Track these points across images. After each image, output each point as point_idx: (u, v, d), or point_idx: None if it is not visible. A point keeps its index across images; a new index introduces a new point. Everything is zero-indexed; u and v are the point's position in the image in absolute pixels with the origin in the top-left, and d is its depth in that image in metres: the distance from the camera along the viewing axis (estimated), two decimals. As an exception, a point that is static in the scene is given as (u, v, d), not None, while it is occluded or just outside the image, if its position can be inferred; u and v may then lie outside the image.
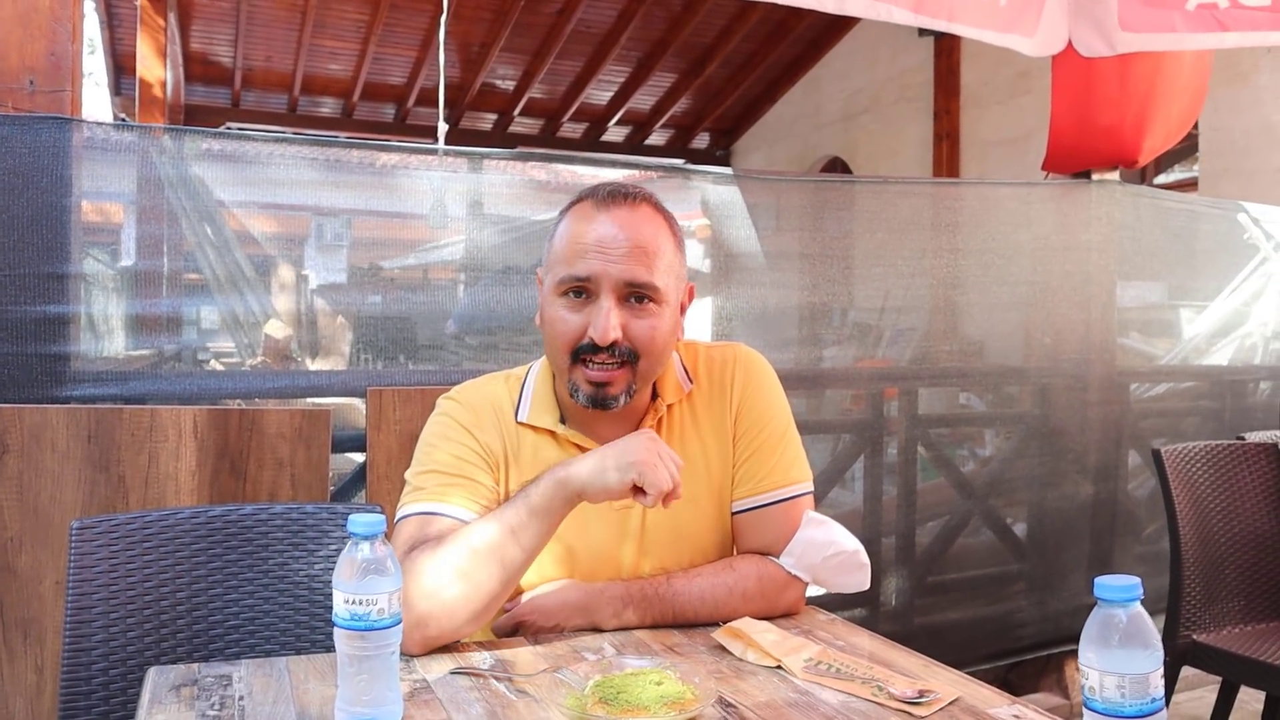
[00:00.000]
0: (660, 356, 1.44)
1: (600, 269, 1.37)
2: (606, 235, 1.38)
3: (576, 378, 1.40)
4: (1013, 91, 7.55)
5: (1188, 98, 3.35)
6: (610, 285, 1.37)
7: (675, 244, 1.45)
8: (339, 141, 3.11)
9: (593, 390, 1.40)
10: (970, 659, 3.05)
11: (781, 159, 10.48)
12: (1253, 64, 5.94)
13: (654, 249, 1.40)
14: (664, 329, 1.42)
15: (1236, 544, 2.49)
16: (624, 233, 1.39)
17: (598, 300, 1.38)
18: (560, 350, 1.41)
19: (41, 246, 2.05)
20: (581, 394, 1.40)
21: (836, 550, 1.46)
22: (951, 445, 3.56)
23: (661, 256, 1.41)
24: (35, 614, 1.97)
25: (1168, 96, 3.25)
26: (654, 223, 1.43)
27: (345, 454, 2.63)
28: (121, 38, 8.28)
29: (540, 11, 8.50)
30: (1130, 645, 0.87)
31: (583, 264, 1.38)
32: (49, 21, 2.04)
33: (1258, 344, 3.82)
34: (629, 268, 1.37)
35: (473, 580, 1.28)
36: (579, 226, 1.41)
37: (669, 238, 1.44)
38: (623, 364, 1.39)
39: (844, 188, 3.46)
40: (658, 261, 1.40)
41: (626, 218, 1.40)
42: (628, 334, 1.38)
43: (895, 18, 2.74)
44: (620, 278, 1.37)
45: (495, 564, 1.29)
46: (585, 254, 1.38)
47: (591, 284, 1.38)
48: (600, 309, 1.37)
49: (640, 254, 1.38)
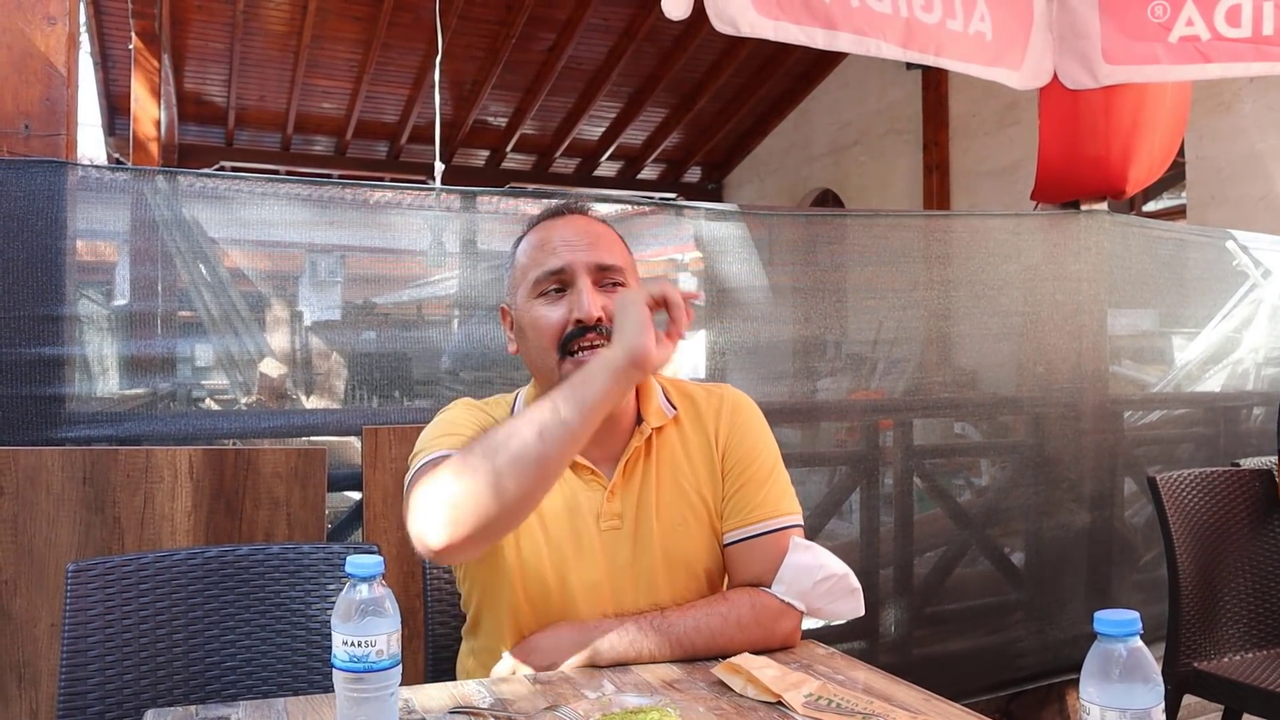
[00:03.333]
0: None
1: (571, 257, 1.45)
2: (568, 233, 1.48)
3: (567, 369, 1.41)
4: (1001, 123, 7.62)
5: (1170, 128, 3.39)
6: (584, 269, 1.44)
7: (622, 241, 1.55)
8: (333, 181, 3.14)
9: None
10: (971, 690, 3.04)
11: (773, 192, 10.55)
12: (1235, 94, 6.01)
13: (612, 239, 1.52)
14: None
15: (1235, 571, 2.49)
16: (583, 227, 1.50)
17: (574, 286, 1.44)
18: (548, 347, 1.43)
19: (36, 288, 2.05)
20: None
21: (826, 574, 1.46)
22: (947, 475, 3.56)
23: (619, 248, 1.52)
24: (30, 657, 1.95)
25: (1151, 127, 3.29)
26: (603, 224, 1.55)
27: (342, 492, 2.62)
28: (115, 79, 8.34)
29: (531, 49, 8.59)
30: (1131, 680, 0.87)
31: (554, 258, 1.45)
32: (44, 67, 2.06)
33: (1249, 370, 3.84)
34: (597, 253, 1.46)
35: (508, 451, 1.23)
36: (539, 236, 1.50)
37: (618, 238, 1.55)
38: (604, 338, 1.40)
39: (835, 221, 3.49)
40: (617, 250, 1.51)
41: (580, 220, 1.52)
42: (608, 313, 1.42)
43: (884, 53, 2.78)
44: (591, 261, 1.45)
45: (534, 436, 1.24)
46: (554, 250, 1.46)
47: (566, 273, 1.44)
48: (580, 291, 1.43)
49: (602, 242, 1.49)
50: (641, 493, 1.48)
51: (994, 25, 2.99)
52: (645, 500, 1.47)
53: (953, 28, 2.90)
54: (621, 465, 1.48)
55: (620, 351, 1.30)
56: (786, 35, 2.64)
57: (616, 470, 1.48)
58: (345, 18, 7.91)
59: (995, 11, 2.99)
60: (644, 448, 1.49)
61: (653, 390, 1.54)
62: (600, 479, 1.47)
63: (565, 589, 1.44)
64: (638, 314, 1.32)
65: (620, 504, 1.47)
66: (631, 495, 1.48)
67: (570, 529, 1.45)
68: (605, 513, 1.46)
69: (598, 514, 1.46)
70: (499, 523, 1.26)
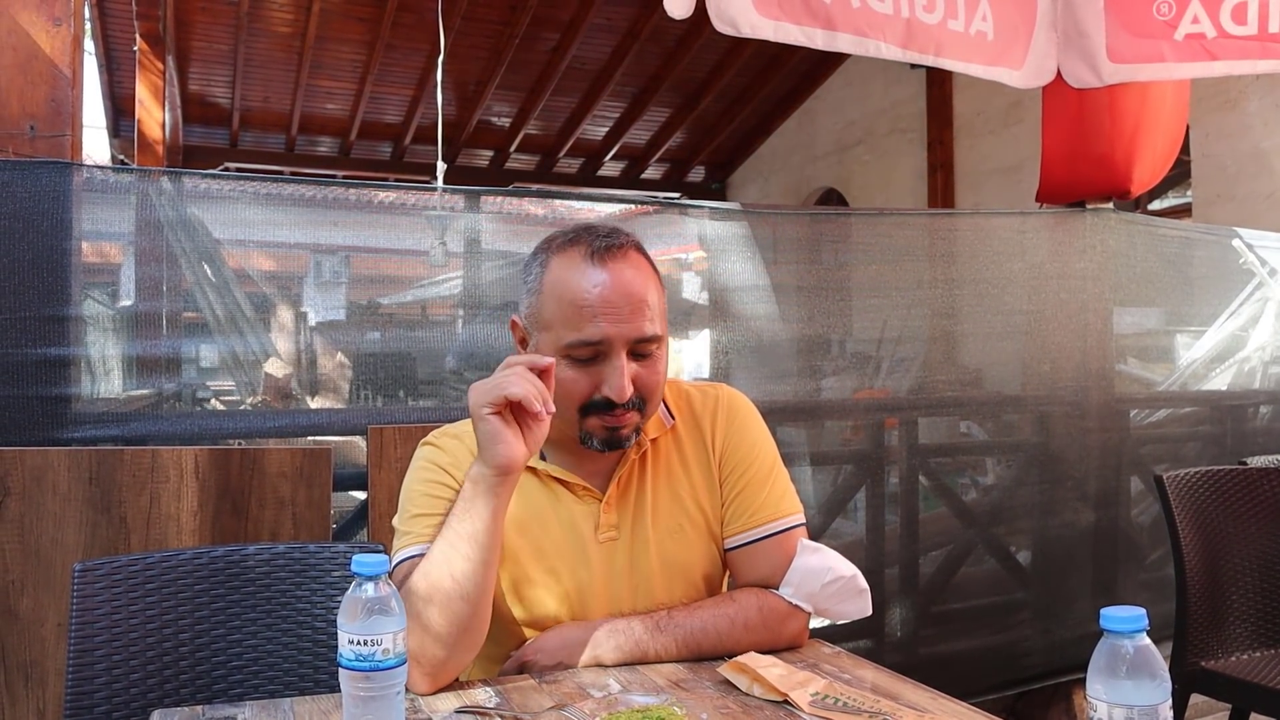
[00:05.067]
0: (660, 396, 1.47)
1: (612, 332, 1.37)
2: (610, 296, 1.37)
3: (590, 428, 1.41)
4: (1005, 121, 7.61)
5: (1172, 127, 3.38)
6: (622, 344, 1.38)
7: (660, 285, 1.47)
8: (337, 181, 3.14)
9: (608, 435, 1.41)
10: (977, 689, 3.03)
11: (777, 191, 10.55)
12: (1240, 91, 6.00)
13: (652, 300, 1.42)
14: (664, 370, 1.46)
15: (1242, 570, 2.48)
16: (625, 290, 1.39)
17: (608, 360, 1.38)
18: (569, 407, 1.41)
19: (42, 289, 2.06)
20: (596, 441, 1.41)
21: (834, 576, 1.46)
22: (952, 474, 3.55)
23: (658, 303, 1.43)
24: (37, 657, 1.96)
25: (1154, 126, 3.28)
26: (644, 271, 1.43)
27: (347, 492, 2.63)
28: (120, 80, 8.35)
29: (535, 49, 8.59)
30: (1138, 676, 0.87)
31: (593, 328, 1.37)
32: (49, 68, 2.06)
33: (1256, 368, 3.83)
34: (637, 325, 1.38)
35: (435, 602, 1.28)
36: (576, 284, 1.38)
37: (657, 282, 1.46)
38: (630, 409, 1.41)
39: (840, 220, 3.48)
40: (657, 309, 1.42)
41: (622, 273, 1.39)
42: (637, 384, 1.39)
43: (884, 54, 2.77)
44: (632, 336, 1.38)
45: (448, 580, 1.29)
46: (594, 318, 1.37)
47: (604, 345, 1.38)
48: (614, 369, 1.37)
49: (642, 308, 1.39)
50: (637, 503, 1.48)
51: (996, 24, 2.99)
52: (641, 510, 1.47)
53: (954, 28, 2.90)
54: (617, 479, 1.47)
55: (484, 469, 1.30)
56: (786, 36, 2.64)
57: (611, 484, 1.47)
58: (349, 19, 7.92)
59: (998, 11, 2.98)
60: (639, 460, 1.49)
61: None
62: (594, 494, 1.47)
63: (564, 598, 1.44)
64: (484, 427, 1.29)
65: (617, 515, 1.47)
66: (628, 506, 1.48)
67: (569, 541, 1.44)
68: (603, 524, 1.46)
69: (595, 525, 1.46)
70: (462, 649, 1.30)
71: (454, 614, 1.29)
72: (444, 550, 1.30)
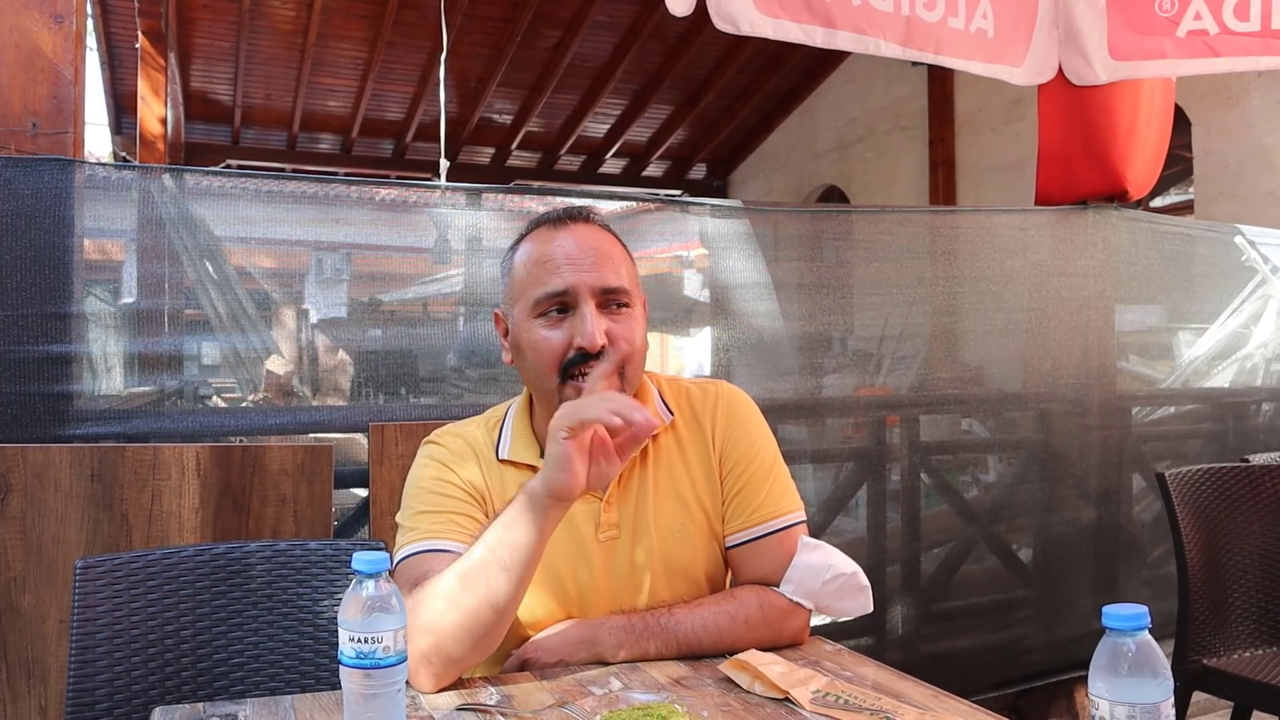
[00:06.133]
0: (642, 360, 1.46)
1: (576, 279, 1.40)
2: (572, 249, 1.42)
3: (569, 394, 1.39)
4: (1007, 118, 7.61)
5: (1162, 127, 3.37)
6: (588, 292, 1.40)
7: (625, 251, 1.50)
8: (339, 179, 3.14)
9: None
10: (978, 687, 3.03)
11: (778, 188, 10.54)
12: (1243, 88, 5.99)
13: (618, 256, 1.46)
14: (641, 331, 1.46)
15: (1244, 567, 2.48)
16: (588, 243, 1.43)
17: (577, 310, 1.40)
18: (547, 371, 1.41)
19: (44, 286, 2.06)
20: None
21: (835, 573, 1.45)
22: (954, 472, 3.55)
23: (624, 263, 1.46)
24: (39, 654, 1.96)
25: (1148, 126, 3.28)
26: (606, 233, 1.48)
27: (348, 489, 2.63)
28: (122, 78, 8.35)
29: (536, 46, 8.58)
30: (1140, 674, 0.87)
31: (557, 279, 1.40)
32: (51, 65, 2.06)
33: (1259, 366, 3.83)
34: (602, 274, 1.41)
35: (463, 607, 1.27)
36: (540, 249, 1.43)
37: (621, 246, 1.49)
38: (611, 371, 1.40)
39: (841, 217, 3.48)
40: (622, 268, 1.45)
41: (585, 231, 1.45)
42: (611, 338, 1.40)
43: (884, 51, 2.78)
44: (596, 284, 1.40)
45: (482, 587, 1.28)
46: (558, 269, 1.40)
47: (570, 296, 1.40)
48: (583, 317, 1.39)
49: (608, 261, 1.43)
50: (638, 501, 1.47)
51: (996, 22, 2.99)
52: (643, 509, 1.46)
53: (954, 25, 2.90)
54: (618, 477, 1.45)
55: (541, 487, 1.28)
56: (786, 34, 2.64)
57: (612, 482, 1.45)
58: (351, 16, 7.91)
59: (999, 8, 2.98)
60: (640, 457, 1.48)
61: (649, 395, 1.52)
62: (594, 493, 1.44)
63: (565, 598, 1.44)
64: (555, 452, 1.26)
65: (618, 514, 1.46)
66: (629, 504, 1.47)
67: (570, 540, 1.43)
68: (603, 523, 1.45)
69: (596, 524, 1.45)
70: (476, 655, 1.30)
71: (480, 621, 1.28)
72: (483, 556, 1.29)
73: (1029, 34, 3.09)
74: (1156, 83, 3.27)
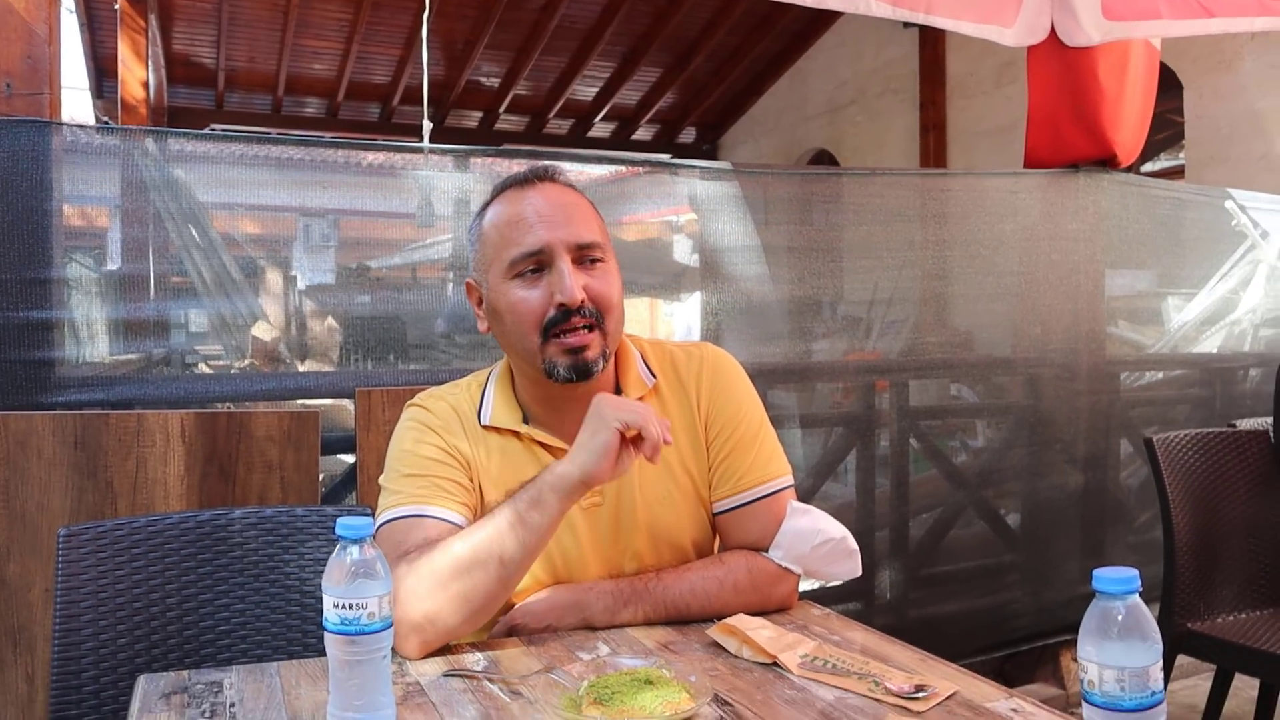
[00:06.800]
0: (621, 315, 1.45)
1: (549, 236, 1.39)
2: (544, 207, 1.41)
3: (551, 353, 1.39)
4: (999, 81, 7.56)
5: (1149, 90, 3.35)
6: (564, 248, 1.39)
7: (593, 207, 1.49)
8: (324, 141, 3.10)
9: (571, 359, 1.38)
10: (965, 651, 3.06)
11: (768, 152, 10.48)
12: (1235, 51, 5.95)
13: (588, 211, 1.45)
14: (618, 285, 1.45)
15: (1229, 532, 2.49)
16: (558, 200, 1.43)
17: (554, 267, 1.39)
18: (528, 331, 1.39)
19: (23, 251, 2.03)
20: (561, 368, 1.39)
21: (824, 538, 1.45)
22: (943, 437, 3.56)
23: (595, 219, 1.46)
24: (24, 622, 1.95)
25: (1135, 89, 3.26)
26: (574, 191, 1.47)
27: (335, 455, 2.62)
28: (102, 40, 8.22)
29: (524, 8, 8.48)
30: (1129, 638, 0.87)
31: (532, 237, 1.39)
32: (24, 24, 2.02)
33: (1246, 331, 3.83)
34: (575, 229, 1.40)
35: (471, 579, 1.27)
36: (511, 209, 1.42)
37: (589, 203, 1.48)
38: (591, 327, 1.39)
39: (831, 180, 3.46)
40: (594, 223, 1.44)
41: (553, 190, 1.44)
42: (590, 293, 1.39)
43: (874, 11, 2.75)
44: (571, 240, 1.40)
45: (494, 562, 1.27)
46: (531, 228, 1.39)
47: (545, 254, 1.39)
48: (561, 272, 1.38)
49: (580, 216, 1.43)
50: None
51: (990, -19, 2.95)
52: (627, 476, 1.44)
53: (945, -16, 2.86)
54: None
55: (576, 471, 1.29)
56: None
57: None
58: (335, -24, 7.81)
59: (992, -33, 2.95)
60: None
61: (631, 358, 1.51)
62: None
63: (550, 565, 1.43)
64: (605, 440, 1.27)
65: None
66: None
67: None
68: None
69: None
70: (472, 624, 1.30)
71: (487, 594, 1.28)
72: (500, 528, 1.29)
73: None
74: (1141, 46, 3.24)
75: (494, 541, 1.28)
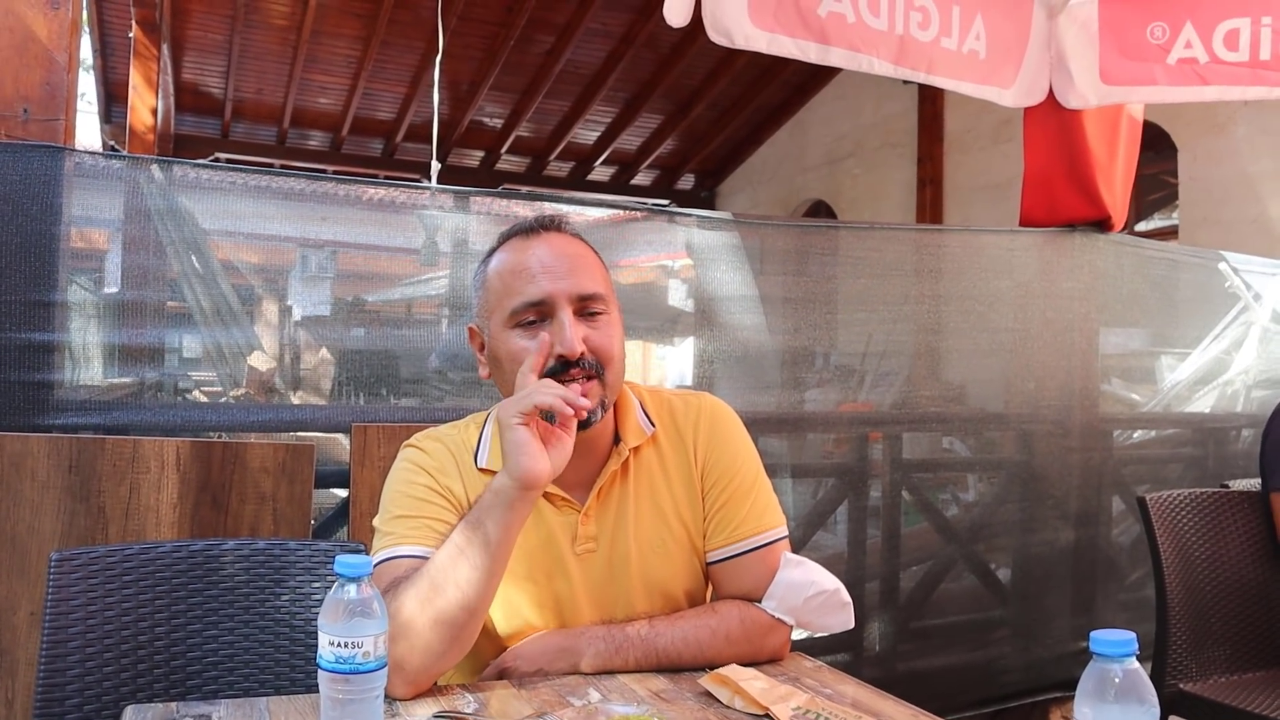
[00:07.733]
0: (621, 367, 1.45)
1: (552, 287, 1.38)
2: (547, 257, 1.41)
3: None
4: (996, 138, 7.65)
5: (1129, 154, 3.40)
6: (565, 299, 1.38)
7: (598, 257, 1.49)
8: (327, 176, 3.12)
9: None
10: (955, 706, 3.03)
11: (766, 201, 10.56)
12: (1229, 116, 6.05)
13: (592, 263, 1.45)
14: (619, 337, 1.45)
15: (1222, 593, 2.49)
16: (562, 250, 1.42)
17: (555, 318, 1.38)
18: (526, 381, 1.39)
19: (29, 273, 2.04)
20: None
21: (817, 590, 1.45)
22: (934, 490, 3.56)
23: (599, 270, 1.45)
24: (8, 645, 1.93)
25: (1121, 153, 3.31)
26: (582, 243, 1.47)
27: (328, 489, 2.61)
28: (114, 66, 8.30)
29: (529, 51, 8.58)
30: (1126, 701, 0.87)
31: (534, 287, 1.39)
32: (46, 51, 2.04)
33: (1239, 392, 3.85)
34: (578, 281, 1.40)
35: (434, 607, 1.26)
36: (515, 258, 1.42)
37: (594, 253, 1.48)
38: (590, 378, 1.39)
39: (828, 232, 3.49)
40: (598, 274, 1.44)
41: (558, 240, 1.44)
42: (590, 345, 1.39)
43: (876, 69, 2.79)
44: (573, 291, 1.39)
45: (451, 587, 1.26)
46: (534, 278, 1.39)
47: (547, 304, 1.38)
48: (562, 324, 1.37)
49: (583, 268, 1.42)
50: (618, 515, 1.46)
51: (989, 43, 3.01)
52: (622, 523, 1.44)
53: (946, 45, 2.92)
54: (596, 490, 1.45)
55: (507, 478, 1.28)
56: (780, 49, 2.64)
57: (591, 495, 1.44)
58: (346, 14, 7.89)
59: (992, 30, 3.00)
60: (620, 470, 1.47)
61: (630, 406, 1.51)
62: (573, 505, 1.44)
63: (542, 609, 1.42)
64: (513, 438, 1.27)
65: (595, 527, 1.44)
66: (608, 518, 1.45)
67: (547, 553, 1.42)
68: (580, 535, 1.44)
69: (573, 537, 1.43)
70: (449, 659, 1.28)
71: (452, 622, 1.26)
72: (452, 555, 1.28)
73: (1020, 56, 3.11)
74: (1126, 113, 3.30)
75: (447, 566, 1.27)
